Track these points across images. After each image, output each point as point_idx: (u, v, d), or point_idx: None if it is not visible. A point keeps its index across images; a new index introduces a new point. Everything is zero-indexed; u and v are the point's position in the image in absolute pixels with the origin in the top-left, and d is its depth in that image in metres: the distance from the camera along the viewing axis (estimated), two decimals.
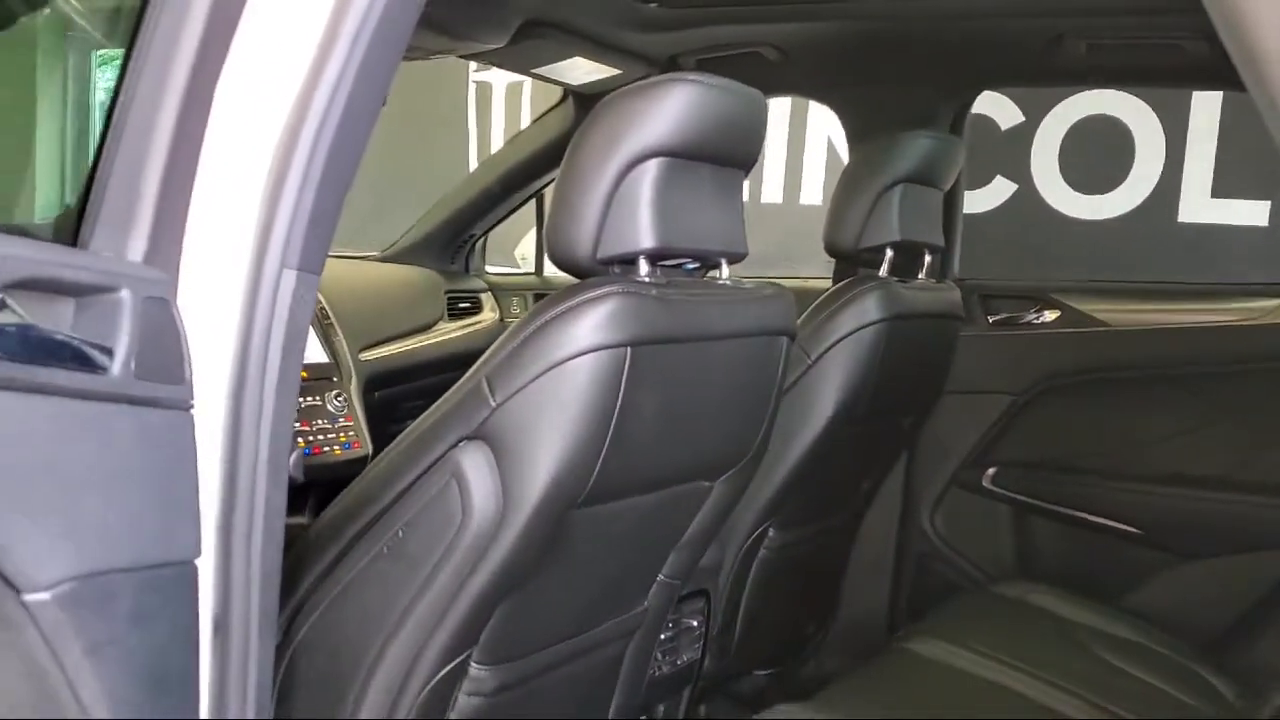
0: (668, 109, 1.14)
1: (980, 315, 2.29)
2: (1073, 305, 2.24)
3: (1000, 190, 3.29)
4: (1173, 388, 2.15)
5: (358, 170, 0.95)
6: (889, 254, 1.83)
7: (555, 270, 2.14)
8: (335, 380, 1.92)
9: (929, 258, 1.95)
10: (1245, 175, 2.95)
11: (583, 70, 2.22)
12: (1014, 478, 2.24)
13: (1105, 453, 2.18)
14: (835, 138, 3.56)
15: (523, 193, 2.55)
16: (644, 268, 1.18)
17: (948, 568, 2.28)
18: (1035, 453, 2.23)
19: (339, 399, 1.90)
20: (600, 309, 1.10)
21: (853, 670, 1.72)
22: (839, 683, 1.66)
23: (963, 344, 2.11)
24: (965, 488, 2.27)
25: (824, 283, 2.15)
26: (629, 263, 1.18)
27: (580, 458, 1.12)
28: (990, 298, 2.30)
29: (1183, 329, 2.16)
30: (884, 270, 1.84)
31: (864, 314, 1.74)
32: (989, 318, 2.29)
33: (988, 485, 2.25)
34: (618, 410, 1.12)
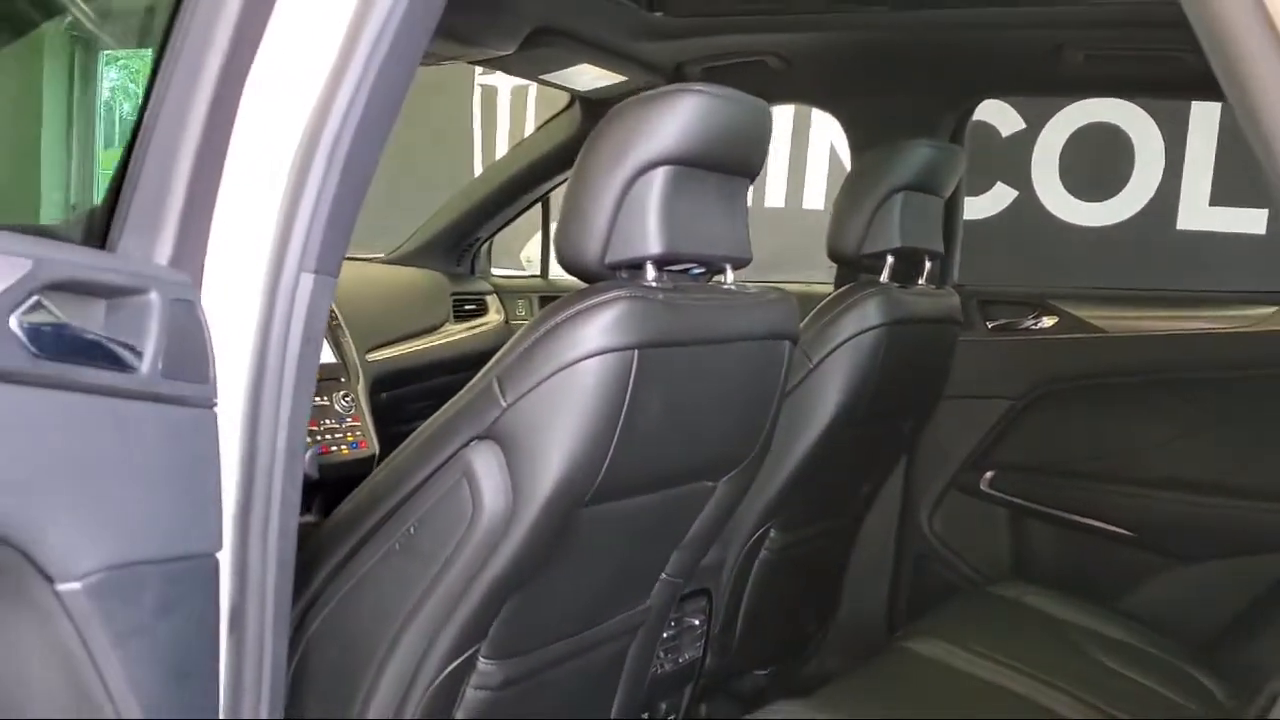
0: (675, 119, 1.16)
1: (979, 321, 2.30)
2: (1070, 311, 2.25)
3: (1001, 196, 3.30)
4: (1169, 393, 2.17)
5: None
6: (890, 260, 1.85)
7: (560, 273, 2.16)
8: (343, 380, 1.93)
9: (929, 264, 1.96)
10: (1243, 183, 2.97)
11: (590, 76, 2.25)
12: (1011, 481, 2.26)
13: (1101, 457, 2.20)
14: (837, 143, 3.58)
15: (529, 196, 2.56)
16: (651, 273, 1.20)
17: (946, 569, 2.29)
18: (1032, 457, 2.24)
19: (346, 399, 1.91)
20: (608, 313, 1.12)
21: (852, 669, 1.74)
22: (838, 681, 1.68)
23: (962, 349, 2.12)
24: (964, 491, 2.28)
25: (826, 287, 2.17)
26: (636, 267, 1.20)
27: (588, 456, 1.14)
28: (989, 303, 2.31)
29: (1179, 335, 2.18)
30: (885, 276, 1.86)
31: (865, 319, 1.76)
32: (988, 323, 2.31)
33: (986, 488, 2.27)
34: (625, 411, 1.14)
